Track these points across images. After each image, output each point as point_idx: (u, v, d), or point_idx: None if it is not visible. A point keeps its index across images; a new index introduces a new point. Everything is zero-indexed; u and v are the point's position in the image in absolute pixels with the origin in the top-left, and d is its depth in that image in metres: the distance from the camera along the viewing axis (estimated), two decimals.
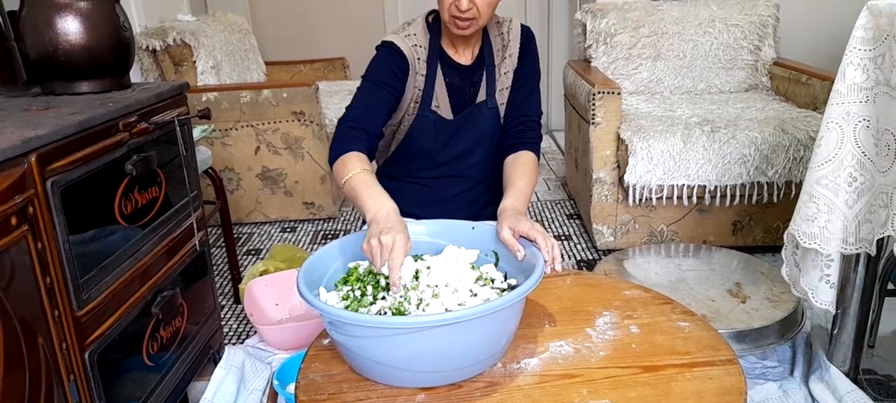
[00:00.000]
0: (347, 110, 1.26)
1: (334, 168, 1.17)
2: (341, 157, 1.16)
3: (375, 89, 1.26)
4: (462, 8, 1.19)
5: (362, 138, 1.20)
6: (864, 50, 1.27)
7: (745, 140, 2.11)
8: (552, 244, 1.01)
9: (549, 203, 3.00)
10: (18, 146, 0.93)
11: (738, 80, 2.80)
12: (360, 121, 1.22)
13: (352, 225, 2.82)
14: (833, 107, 1.30)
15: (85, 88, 1.31)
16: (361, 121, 1.23)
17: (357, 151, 1.16)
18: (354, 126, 1.22)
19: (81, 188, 1.06)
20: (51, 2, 1.24)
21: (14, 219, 0.91)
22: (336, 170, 1.16)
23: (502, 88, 1.37)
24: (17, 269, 0.92)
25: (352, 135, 1.19)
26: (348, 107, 1.26)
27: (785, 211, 2.18)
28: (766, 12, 2.76)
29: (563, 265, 1.05)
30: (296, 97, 2.60)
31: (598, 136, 2.26)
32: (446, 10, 1.22)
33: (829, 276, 1.37)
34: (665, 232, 2.33)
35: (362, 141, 1.19)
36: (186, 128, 1.43)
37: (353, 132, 1.20)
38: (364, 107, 1.25)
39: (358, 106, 1.25)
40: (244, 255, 2.52)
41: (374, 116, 1.25)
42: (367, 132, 1.22)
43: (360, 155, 1.16)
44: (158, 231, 1.31)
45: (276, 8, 4.13)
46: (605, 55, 2.80)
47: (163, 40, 2.55)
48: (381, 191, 1.07)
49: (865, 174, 1.28)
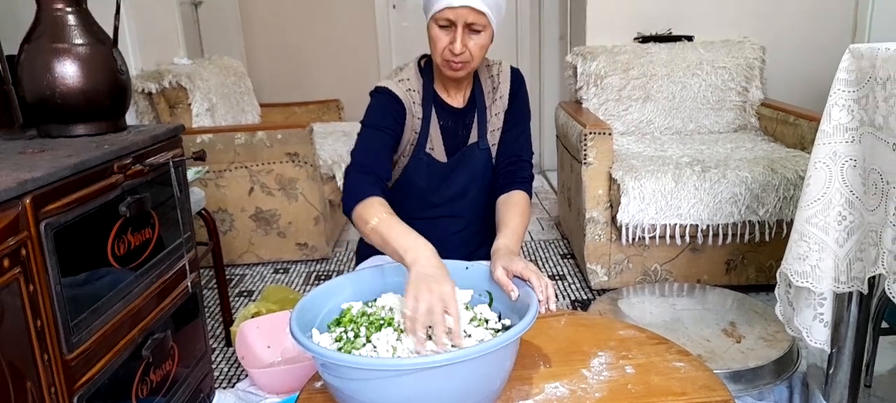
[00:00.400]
0: (353, 157, 1.26)
1: (355, 214, 1.16)
2: (362, 202, 1.15)
3: (378, 134, 1.27)
4: (455, 51, 1.21)
5: (376, 182, 1.20)
6: (848, 91, 1.30)
7: (736, 179, 2.14)
8: (546, 283, 1.01)
9: (543, 242, 3.01)
10: (13, 188, 0.93)
11: (726, 121, 2.84)
12: (369, 167, 1.22)
13: (345, 266, 2.81)
14: (820, 147, 1.32)
15: (81, 131, 1.31)
16: (371, 166, 1.23)
17: (376, 196, 1.16)
18: (365, 171, 1.22)
19: (75, 230, 1.06)
20: (50, 46, 1.25)
21: (6, 261, 0.91)
22: (358, 216, 1.15)
23: (493, 129, 1.39)
24: (8, 312, 0.91)
25: (367, 181, 1.19)
26: (354, 154, 1.26)
27: (777, 250, 2.20)
28: (752, 55, 2.82)
29: (558, 305, 1.04)
30: (290, 139, 2.62)
31: (591, 176, 2.29)
32: (439, 54, 1.24)
33: (823, 315, 1.37)
34: (659, 271, 2.34)
35: (377, 185, 1.19)
36: (181, 170, 1.44)
37: (366, 177, 1.20)
38: (370, 152, 1.25)
39: (364, 152, 1.26)
40: (236, 297, 2.50)
41: (381, 160, 1.26)
42: (378, 176, 1.22)
43: (380, 199, 1.15)
44: (150, 273, 1.30)
45: (271, 51, 4.19)
46: (596, 96, 2.84)
47: (159, 83, 2.58)
48: (413, 232, 1.07)
49: (854, 213, 1.30)
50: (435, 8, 1.20)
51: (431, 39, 1.24)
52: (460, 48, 1.21)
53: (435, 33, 1.23)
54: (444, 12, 1.19)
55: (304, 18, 4.16)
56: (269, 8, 4.13)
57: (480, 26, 1.21)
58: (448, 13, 1.19)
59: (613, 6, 3.08)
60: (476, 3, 1.17)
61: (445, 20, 1.20)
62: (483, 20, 1.20)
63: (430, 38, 1.25)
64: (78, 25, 1.28)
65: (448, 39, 1.22)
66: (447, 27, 1.21)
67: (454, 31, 1.20)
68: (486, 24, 1.21)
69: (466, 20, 1.19)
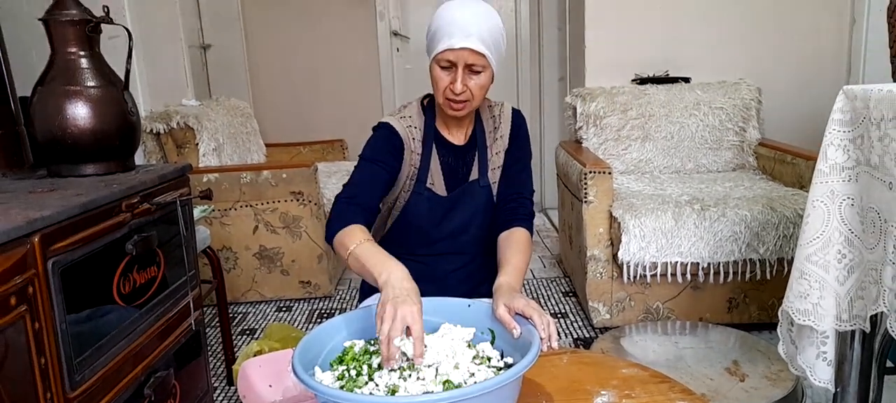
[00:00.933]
0: (344, 187, 1.30)
1: (336, 241, 1.20)
2: (343, 230, 1.19)
3: (371, 167, 1.31)
4: (456, 91, 1.25)
5: (360, 212, 1.24)
6: (843, 131, 1.32)
7: (736, 218, 2.15)
8: (548, 321, 1.02)
9: (545, 280, 3.00)
10: (23, 226, 0.95)
11: (725, 160, 2.87)
12: (356, 197, 1.27)
13: (348, 305, 2.80)
14: (817, 185, 1.34)
15: (90, 170, 1.34)
16: (358, 197, 1.27)
17: (357, 224, 1.20)
18: (351, 201, 1.26)
19: (81, 268, 1.07)
20: (63, 89, 1.29)
21: (13, 299, 0.92)
22: (338, 242, 1.19)
23: (494, 167, 1.41)
24: (13, 349, 0.92)
25: (350, 210, 1.23)
26: (345, 185, 1.31)
27: (779, 288, 2.19)
28: (748, 96, 2.87)
29: (560, 343, 1.05)
30: (295, 177, 2.65)
31: (591, 214, 2.30)
32: (441, 93, 1.28)
33: (826, 353, 1.37)
34: (661, 309, 2.33)
35: (361, 215, 1.23)
36: (188, 209, 1.46)
37: (350, 207, 1.24)
38: (360, 183, 1.29)
39: (355, 184, 1.30)
40: (239, 335, 2.49)
41: (371, 192, 1.29)
42: (364, 207, 1.26)
43: (361, 226, 1.19)
44: (155, 310, 1.31)
45: (277, 92, 4.27)
46: (596, 136, 2.88)
47: (167, 124, 2.62)
48: (389, 257, 1.10)
49: (853, 251, 1.31)
50: (437, 49, 1.24)
51: (433, 79, 1.28)
52: (461, 88, 1.24)
53: (437, 73, 1.27)
54: (446, 54, 1.23)
55: (310, 61, 4.24)
56: (275, 51, 4.23)
57: (480, 67, 1.24)
58: (449, 54, 1.23)
59: (611, 49, 3.15)
60: (476, 45, 1.21)
61: (447, 61, 1.24)
62: (483, 61, 1.24)
63: (432, 78, 1.29)
64: (90, 68, 1.32)
65: (449, 79, 1.25)
66: (448, 68, 1.25)
67: (455, 72, 1.24)
68: (485, 65, 1.25)
69: (467, 61, 1.23)
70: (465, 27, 1.20)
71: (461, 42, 1.20)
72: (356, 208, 1.24)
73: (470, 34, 1.20)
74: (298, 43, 4.22)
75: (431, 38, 1.27)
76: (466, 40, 1.20)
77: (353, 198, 1.27)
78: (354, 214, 1.22)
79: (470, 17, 1.21)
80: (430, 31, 1.27)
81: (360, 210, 1.24)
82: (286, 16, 4.17)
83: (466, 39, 1.20)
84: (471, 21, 1.21)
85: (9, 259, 0.92)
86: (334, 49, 4.23)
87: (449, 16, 1.22)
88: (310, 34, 4.20)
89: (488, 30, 1.23)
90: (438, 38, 1.23)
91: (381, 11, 4.21)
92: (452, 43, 1.21)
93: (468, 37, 1.20)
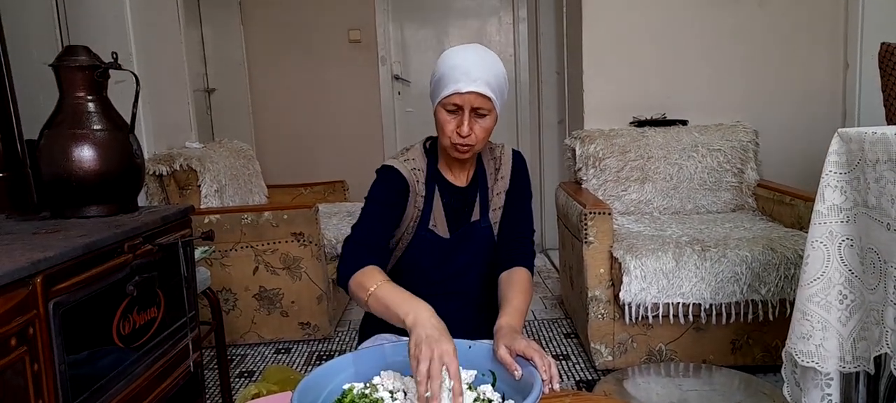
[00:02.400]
0: (353, 230, 1.30)
1: (352, 282, 1.19)
2: (359, 272, 1.19)
3: (380, 209, 1.32)
4: (463, 134, 1.27)
5: (372, 254, 1.24)
6: (840, 173, 1.33)
7: (736, 258, 2.15)
8: (549, 362, 1.01)
9: (546, 321, 2.98)
10: (26, 267, 0.95)
11: (724, 201, 2.89)
12: (367, 239, 1.27)
13: (347, 346, 2.78)
14: (816, 226, 1.35)
15: (93, 212, 1.35)
16: (369, 239, 1.27)
17: (372, 265, 1.20)
18: (361, 244, 1.26)
19: (82, 309, 1.07)
20: (70, 132, 1.31)
21: (13, 340, 0.92)
22: (356, 283, 1.18)
23: (495, 208, 1.42)
24: (11, 391, 0.91)
25: (364, 251, 1.24)
26: (354, 227, 1.31)
27: (782, 330, 2.17)
28: (745, 138, 2.90)
29: (562, 385, 1.04)
30: (296, 218, 2.66)
31: (592, 255, 2.30)
32: (447, 138, 1.30)
33: (831, 396, 1.35)
34: (664, 351, 2.31)
35: (374, 257, 1.24)
36: (189, 250, 1.46)
37: (363, 249, 1.25)
38: (370, 226, 1.30)
39: (364, 227, 1.30)
40: (237, 377, 2.46)
41: (380, 234, 1.30)
42: (375, 249, 1.27)
43: (377, 267, 1.20)
44: (154, 352, 1.30)
45: (279, 135, 4.32)
46: (595, 178, 2.90)
47: (170, 166, 2.65)
48: (413, 296, 1.10)
49: (854, 292, 1.31)
50: (444, 93, 1.26)
51: (439, 123, 1.30)
52: (467, 131, 1.27)
53: (443, 117, 1.29)
54: (453, 98, 1.25)
55: (312, 104, 4.31)
56: (278, 94, 4.29)
57: (486, 110, 1.27)
58: (456, 98, 1.25)
59: (609, 92, 3.20)
60: (482, 89, 1.24)
61: (453, 105, 1.26)
62: (488, 105, 1.26)
63: (437, 123, 1.31)
64: (97, 112, 1.34)
65: (455, 123, 1.27)
66: (454, 111, 1.27)
67: (461, 116, 1.26)
68: (491, 108, 1.27)
69: (473, 105, 1.25)
70: (471, 72, 1.23)
71: (468, 86, 1.23)
72: (367, 250, 1.25)
73: (476, 78, 1.23)
74: (301, 86, 4.29)
75: (437, 83, 1.29)
76: (473, 84, 1.23)
77: (364, 240, 1.27)
78: (367, 256, 1.23)
79: (476, 61, 1.24)
80: (436, 77, 1.29)
81: (372, 251, 1.25)
82: (289, 60, 4.25)
83: (473, 84, 1.23)
84: (477, 65, 1.24)
85: (10, 300, 0.92)
86: (336, 92, 4.30)
87: (455, 61, 1.25)
88: (312, 78, 4.28)
89: (494, 75, 1.26)
90: (444, 83, 1.26)
91: (383, 56, 4.29)
92: (459, 87, 1.23)
93: (474, 81, 1.23)
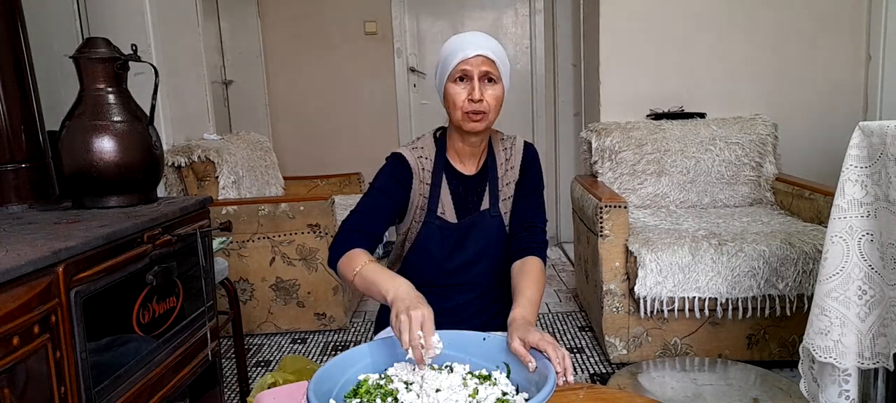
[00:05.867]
0: (350, 214, 1.36)
1: (339, 265, 1.26)
2: (346, 254, 1.25)
3: (378, 196, 1.37)
4: (475, 97, 1.29)
5: (363, 238, 1.30)
6: (861, 167, 1.31)
7: (753, 253, 2.13)
8: (563, 354, 1.01)
9: (561, 314, 2.98)
10: (48, 256, 0.97)
11: (742, 195, 2.85)
12: (360, 224, 1.32)
13: (362, 337, 2.80)
14: (835, 221, 1.33)
15: (114, 202, 1.37)
16: (362, 224, 1.32)
17: (360, 248, 1.26)
18: (354, 228, 1.31)
19: (103, 298, 1.09)
20: (91, 124, 1.33)
21: (36, 328, 0.94)
22: (342, 266, 1.25)
23: (505, 198, 1.43)
24: (34, 378, 0.93)
25: (353, 236, 1.30)
26: (352, 212, 1.36)
27: (799, 325, 2.15)
28: (764, 131, 2.86)
29: (576, 378, 1.04)
30: (312, 210, 2.68)
31: (607, 249, 2.29)
32: (459, 108, 1.31)
33: (848, 392, 1.34)
34: (679, 345, 2.29)
35: (363, 241, 1.29)
36: (207, 241, 1.48)
37: (354, 233, 1.30)
38: (365, 211, 1.35)
39: (360, 211, 1.35)
40: (253, 367, 2.49)
41: (374, 220, 1.34)
42: (367, 234, 1.32)
43: (363, 250, 1.25)
44: (173, 341, 1.33)
45: (296, 127, 4.35)
46: (611, 171, 2.88)
47: (188, 157, 2.68)
48: (394, 274, 1.16)
49: (874, 287, 1.29)
50: (451, 66, 1.29)
51: (449, 97, 1.32)
52: (479, 95, 1.29)
53: (453, 90, 1.31)
54: (460, 65, 1.28)
55: (329, 96, 4.32)
56: (295, 86, 4.32)
57: (495, 76, 1.30)
58: (463, 65, 1.28)
59: (626, 85, 3.17)
60: (487, 53, 1.28)
61: (461, 72, 1.29)
62: (495, 71, 1.30)
63: (448, 99, 1.32)
64: (117, 104, 1.36)
65: (466, 91, 1.30)
66: (464, 80, 1.30)
67: (471, 82, 1.29)
68: (498, 76, 1.31)
69: (481, 69, 1.29)
70: (474, 41, 1.29)
71: (474, 51, 1.28)
72: (358, 235, 1.30)
73: (480, 45, 1.29)
74: (317, 79, 4.31)
75: (443, 62, 1.32)
76: (478, 50, 1.28)
77: (357, 225, 1.32)
78: (357, 240, 1.28)
79: (476, 35, 1.31)
80: (441, 58, 1.33)
81: (362, 236, 1.30)
82: (306, 53, 4.27)
83: (478, 49, 1.28)
84: (478, 37, 1.31)
85: (33, 288, 0.94)
86: (352, 85, 4.31)
87: (457, 39, 1.32)
88: (329, 70, 4.29)
89: (495, 46, 1.31)
90: (450, 59, 1.30)
91: (399, 48, 4.29)
92: (466, 53, 1.28)
93: (479, 47, 1.28)
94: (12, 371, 0.88)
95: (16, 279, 0.90)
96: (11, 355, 0.88)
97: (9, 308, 0.88)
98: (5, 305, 0.88)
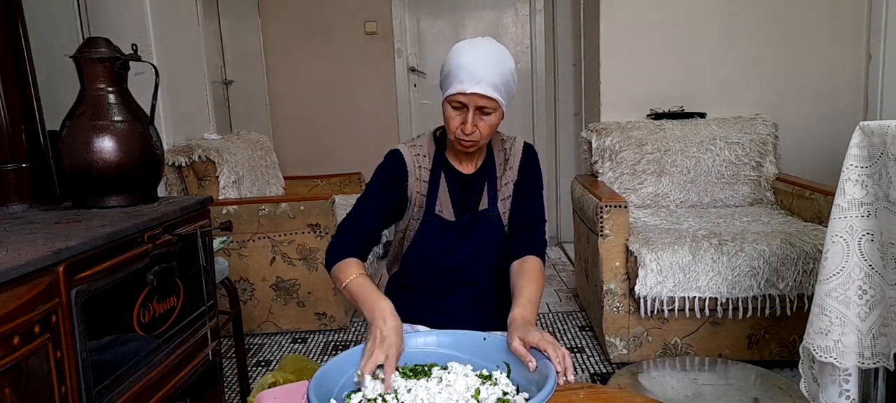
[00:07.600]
0: (346, 217, 1.38)
1: (332, 272, 1.29)
2: (339, 263, 1.28)
3: (373, 196, 1.39)
4: (466, 132, 1.30)
5: (358, 241, 1.33)
6: (861, 167, 1.32)
7: (754, 253, 2.13)
8: (563, 354, 1.02)
9: (561, 314, 2.98)
10: (48, 256, 0.97)
11: (742, 195, 2.85)
12: (356, 228, 1.35)
13: (363, 337, 2.80)
14: (836, 221, 1.33)
15: (114, 202, 1.37)
16: (355, 224, 1.36)
17: (353, 257, 1.28)
18: (351, 230, 1.34)
19: (103, 298, 1.09)
20: (91, 123, 1.33)
21: (37, 328, 0.94)
22: (335, 274, 1.28)
23: (504, 198, 1.43)
24: (34, 377, 0.93)
25: (350, 241, 1.32)
26: (349, 213, 1.39)
27: (800, 325, 2.15)
28: (764, 131, 2.86)
29: (576, 378, 1.04)
30: (312, 210, 2.68)
31: (607, 248, 2.29)
32: (452, 132, 1.32)
33: (849, 391, 1.34)
34: (679, 344, 2.30)
35: (358, 244, 1.32)
36: (207, 240, 1.48)
37: (350, 237, 1.33)
38: (357, 214, 1.38)
39: (356, 215, 1.38)
40: (254, 366, 2.50)
41: (368, 219, 1.37)
42: (362, 235, 1.35)
43: (356, 260, 1.28)
44: (173, 340, 1.33)
45: (296, 127, 4.35)
46: (611, 171, 2.88)
47: (188, 157, 2.68)
48: (380, 295, 1.18)
49: (874, 287, 1.29)
50: (449, 91, 1.29)
51: (445, 117, 1.33)
52: (470, 129, 1.29)
53: (448, 112, 1.31)
54: (457, 96, 1.27)
55: (328, 96, 4.33)
56: (295, 86, 4.32)
57: (490, 109, 1.28)
58: (460, 97, 1.27)
59: (626, 84, 3.17)
60: (486, 91, 1.25)
61: (458, 102, 1.28)
62: (493, 104, 1.28)
63: (444, 115, 1.33)
64: (118, 104, 1.36)
65: (460, 119, 1.30)
66: (460, 108, 1.29)
67: (466, 113, 1.28)
68: (495, 107, 1.29)
69: (477, 104, 1.27)
70: (476, 73, 1.24)
71: (472, 87, 1.24)
72: (353, 238, 1.33)
73: (481, 80, 1.24)
74: (317, 78, 4.31)
75: (444, 78, 1.31)
76: (477, 86, 1.24)
77: (350, 227, 1.36)
78: (352, 245, 1.31)
79: (482, 61, 1.25)
80: (444, 71, 1.31)
81: (357, 239, 1.33)
82: (306, 52, 4.27)
83: (477, 85, 1.24)
84: (483, 66, 1.25)
85: (34, 288, 0.94)
86: (353, 84, 4.31)
87: (461, 60, 1.26)
88: (329, 70, 4.29)
89: (500, 74, 1.26)
90: (451, 81, 1.28)
91: (399, 48, 4.29)
92: (464, 88, 1.25)
93: (479, 82, 1.24)
94: (13, 371, 0.88)
95: (16, 279, 0.90)
96: (12, 355, 0.88)
97: (9, 307, 0.88)
98: (6, 305, 0.88)
